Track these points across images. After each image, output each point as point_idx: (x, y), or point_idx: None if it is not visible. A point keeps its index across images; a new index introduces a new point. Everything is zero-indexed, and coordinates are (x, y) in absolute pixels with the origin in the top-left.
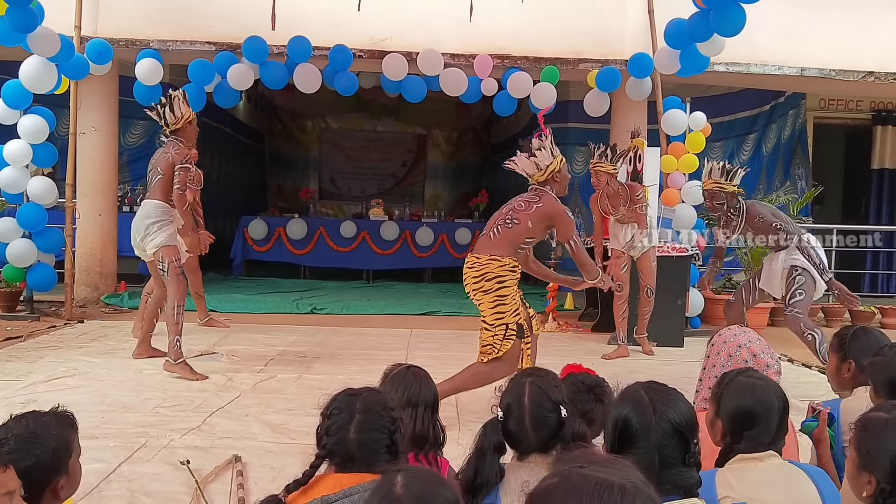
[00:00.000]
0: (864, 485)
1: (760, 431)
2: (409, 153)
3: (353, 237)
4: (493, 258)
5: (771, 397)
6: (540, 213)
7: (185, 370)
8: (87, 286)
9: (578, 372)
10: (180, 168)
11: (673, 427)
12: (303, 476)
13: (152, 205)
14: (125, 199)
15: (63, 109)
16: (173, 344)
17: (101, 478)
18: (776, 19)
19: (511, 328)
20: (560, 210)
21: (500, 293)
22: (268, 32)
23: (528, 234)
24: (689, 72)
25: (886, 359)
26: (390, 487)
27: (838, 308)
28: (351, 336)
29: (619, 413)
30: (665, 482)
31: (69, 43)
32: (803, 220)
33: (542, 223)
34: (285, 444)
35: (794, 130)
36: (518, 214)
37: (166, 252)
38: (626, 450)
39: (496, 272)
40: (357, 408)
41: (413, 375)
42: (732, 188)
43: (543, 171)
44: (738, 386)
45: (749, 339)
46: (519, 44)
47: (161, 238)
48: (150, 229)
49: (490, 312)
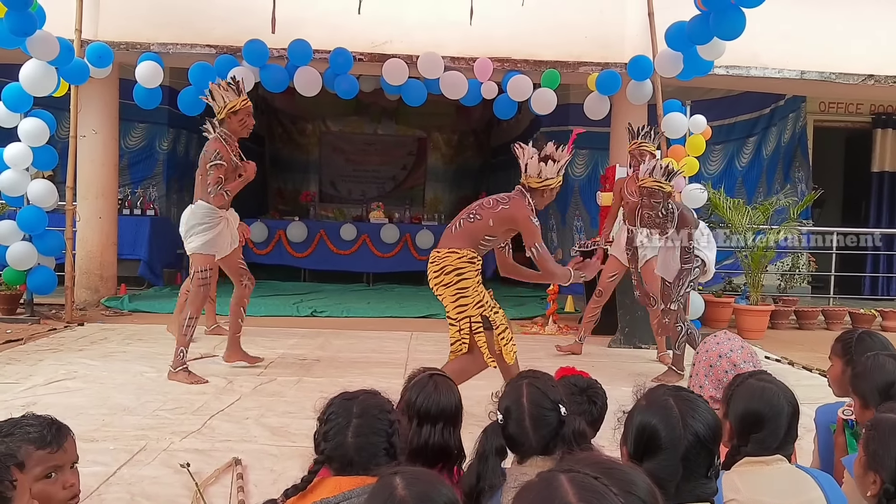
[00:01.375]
0: (870, 484)
1: (768, 435)
2: (409, 156)
3: (354, 240)
4: (452, 251)
5: (780, 401)
6: (504, 215)
7: (184, 377)
8: (88, 289)
9: (571, 374)
10: (211, 166)
11: (699, 440)
12: (301, 482)
13: (196, 205)
14: (125, 202)
15: (63, 112)
16: (178, 353)
17: (101, 481)
18: (776, 22)
19: (475, 320)
20: (525, 216)
21: (459, 286)
22: (268, 35)
23: (488, 233)
24: (689, 75)
25: (867, 368)
26: (391, 490)
27: (839, 311)
28: (351, 339)
29: (647, 421)
30: (684, 493)
31: (69, 46)
32: (804, 222)
33: (504, 225)
34: (285, 447)
35: (794, 133)
36: (483, 211)
37: (197, 259)
38: (649, 458)
39: (454, 264)
40: (354, 412)
41: (434, 384)
42: (670, 188)
43: (542, 180)
44: (747, 388)
45: (731, 349)
46: (519, 47)
47: (196, 243)
48: (190, 231)
49: (452, 307)
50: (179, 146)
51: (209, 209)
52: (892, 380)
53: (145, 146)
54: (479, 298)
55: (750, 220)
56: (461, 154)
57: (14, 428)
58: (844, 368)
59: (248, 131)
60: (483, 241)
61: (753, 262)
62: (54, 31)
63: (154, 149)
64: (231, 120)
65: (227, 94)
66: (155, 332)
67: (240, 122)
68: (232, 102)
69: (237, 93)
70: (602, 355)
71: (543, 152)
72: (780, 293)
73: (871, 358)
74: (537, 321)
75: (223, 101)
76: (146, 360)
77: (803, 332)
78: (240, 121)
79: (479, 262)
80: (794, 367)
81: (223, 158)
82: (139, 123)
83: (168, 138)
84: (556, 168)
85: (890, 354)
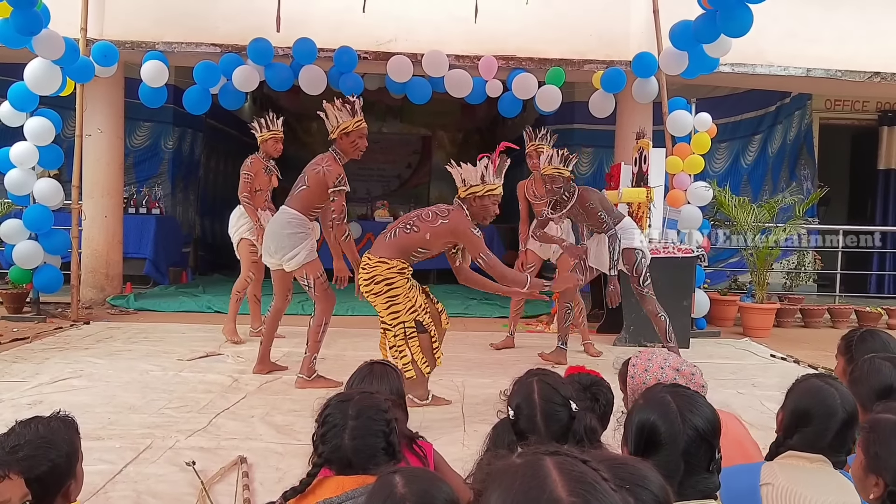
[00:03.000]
0: (872, 487)
1: (814, 433)
2: (414, 154)
3: (359, 238)
4: (382, 260)
5: (835, 404)
6: (443, 230)
7: (322, 383)
8: (93, 287)
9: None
10: (335, 192)
11: (699, 434)
12: (300, 483)
13: (290, 214)
14: (131, 201)
15: (69, 111)
16: (310, 360)
17: (107, 479)
18: (782, 20)
19: (409, 325)
20: (465, 228)
21: (389, 294)
22: (273, 34)
23: (422, 245)
24: (695, 73)
25: (863, 372)
26: (391, 488)
27: (845, 309)
28: (356, 337)
29: (646, 418)
30: (687, 488)
31: (74, 46)
32: (809, 220)
33: (442, 239)
34: (291, 445)
35: (800, 131)
36: (420, 223)
37: (310, 268)
38: (650, 455)
39: (384, 275)
40: (350, 414)
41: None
42: (567, 173)
43: (484, 186)
44: (808, 385)
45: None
46: (524, 45)
47: (303, 255)
48: (285, 241)
49: (386, 313)
50: (185, 145)
51: (302, 219)
52: (888, 383)
53: (150, 145)
54: (412, 304)
55: (755, 218)
56: (466, 152)
57: (58, 425)
58: (846, 367)
59: (359, 153)
60: (415, 253)
61: (759, 260)
62: (60, 31)
63: (159, 147)
64: (343, 141)
65: (340, 115)
66: (160, 331)
67: (351, 144)
68: (345, 123)
69: (351, 114)
70: (608, 353)
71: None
72: (786, 291)
73: (868, 362)
74: (542, 319)
75: (336, 121)
76: (152, 358)
77: (809, 330)
78: (351, 142)
79: (410, 271)
80: (800, 364)
81: (344, 182)
82: (144, 122)
83: (173, 137)
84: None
85: (887, 357)
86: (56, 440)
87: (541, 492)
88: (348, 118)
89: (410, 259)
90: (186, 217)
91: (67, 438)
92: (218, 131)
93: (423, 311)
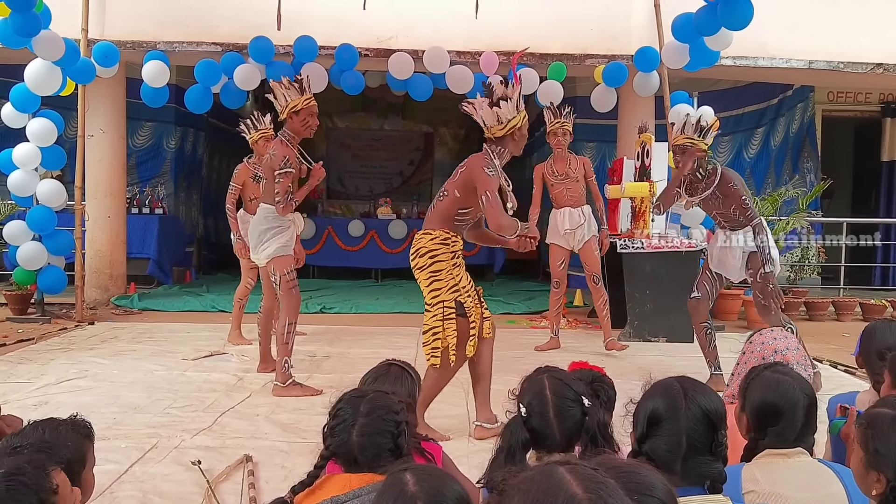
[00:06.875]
0: (873, 483)
1: (785, 427)
2: (416, 151)
3: (362, 236)
4: (426, 232)
5: (796, 393)
6: (463, 178)
7: (298, 390)
8: (97, 288)
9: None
10: (279, 175)
11: (702, 412)
12: (308, 477)
13: (266, 210)
14: (134, 201)
15: (71, 112)
16: (282, 365)
17: (113, 479)
18: (783, 12)
19: (448, 305)
20: (478, 165)
21: (433, 269)
22: (274, 32)
23: (460, 205)
24: (697, 66)
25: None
26: (402, 486)
27: (849, 301)
28: (360, 335)
29: (651, 396)
30: (690, 469)
31: (74, 47)
32: (813, 213)
33: (468, 187)
34: (296, 444)
35: (803, 124)
36: (449, 186)
37: (277, 263)
38: (653, 433)
39: (428, 246)
40: (361, 410)
41: (392, 376)
42: (705, 146)
43: (504, 125)
44: (763, 381)
45: (787, 347)
46: (525, 40)
47: (273, 247)
48: (263, 236)
49: (427, 291)
50: (187, 144)
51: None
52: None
53: (153, 145)
54: (454, 283)
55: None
56: (468, 149)
57: (66, 429)
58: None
59: (311, 132)
60: (458, 217)
61: None
62: (61, 31)
63: (161, 147)
64: (293, 120)
65: (288, 93)
66: (165, 331)
67: (302, 123)
68: (294, 102)
69: (300, 91)
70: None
71: (494, 97)
72: (790, 284)
73: None
74: (546, 315)
75: (285, 100)
76: (156, 358)
77: (814, 323)
78: (302, 121)
79: (456, 242)
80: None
81: (292, 164)
82: (146, 122)
83: (175, 136)
84: (513, 104)
85: None
86: (57, 445)
87: (558, 490)
88: (297, 96)
89: (454, 225)
90: (189, 216)
91: (73, 445)
92: (220, 130)
93: (465, 293)
